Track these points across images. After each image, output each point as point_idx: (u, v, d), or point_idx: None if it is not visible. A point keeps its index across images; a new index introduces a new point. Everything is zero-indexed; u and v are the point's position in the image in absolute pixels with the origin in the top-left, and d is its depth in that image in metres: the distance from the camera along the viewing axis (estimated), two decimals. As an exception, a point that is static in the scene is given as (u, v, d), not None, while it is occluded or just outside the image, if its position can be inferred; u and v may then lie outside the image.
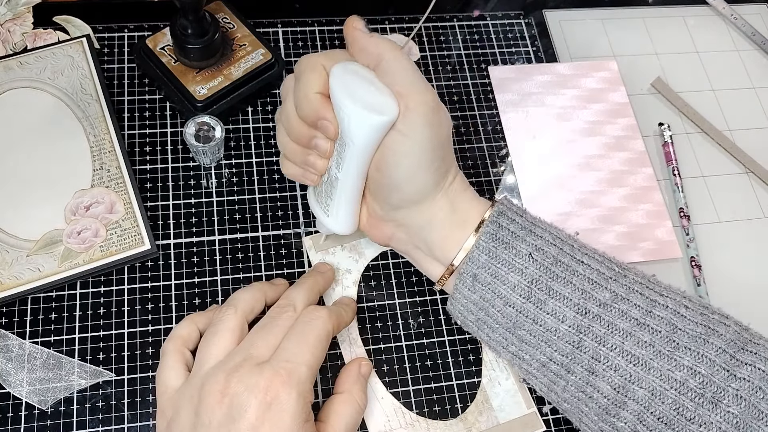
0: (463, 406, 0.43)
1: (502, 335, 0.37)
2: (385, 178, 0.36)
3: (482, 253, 0.37)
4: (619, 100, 0.57)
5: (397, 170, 0.36)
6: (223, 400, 0.33)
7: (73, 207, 0.45)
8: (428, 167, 0.36)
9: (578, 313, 0.35)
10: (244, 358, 0.35)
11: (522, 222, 0.37)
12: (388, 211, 0.39)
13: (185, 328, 0.39)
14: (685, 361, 0.33)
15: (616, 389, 0.34)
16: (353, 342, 0.44)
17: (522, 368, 0.38)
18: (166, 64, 0.49)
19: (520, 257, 0.36)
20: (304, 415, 0.34)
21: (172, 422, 0.35)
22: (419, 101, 0.34)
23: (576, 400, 0.36)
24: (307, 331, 0.37)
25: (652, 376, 0.33)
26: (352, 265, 0.47)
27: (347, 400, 0.39)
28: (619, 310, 0.35)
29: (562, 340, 0.35)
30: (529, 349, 0.36)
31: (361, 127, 0.34)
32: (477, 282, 0.37)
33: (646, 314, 0.34)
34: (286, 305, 0.39)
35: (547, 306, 0.35)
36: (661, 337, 0.34)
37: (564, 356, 0.35)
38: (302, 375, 0.34)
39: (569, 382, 0.36)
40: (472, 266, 0.37)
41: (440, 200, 0.38)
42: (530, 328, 0.36)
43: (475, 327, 0.39)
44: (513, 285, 0.36)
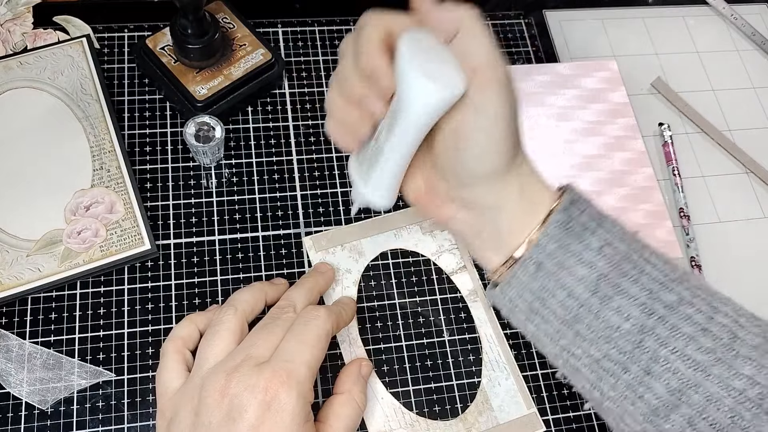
0: (463, 407, 0.43)
1: (556, 327, 0.36)
2: (459, 154, 0.35)
3: (551, 241, 0.35)
4: (619, 100, 0.57)
5: (472, 146, 0.34)
6: (223, 400, 0.33)
7: (73, 207, 0.45)
8: (503, 144, 0.34)
9: (644, 313, 0.34)
10: (243, 359, 0.35)
11: (592, 213, 0.36)
12: (457, 189, 0.37)
13: (185, 329, 0.39)
14: (745, 370, 0.33)
15: (671, 392, 0.33)
16: (353, 342, 0.44)
17: (568, 363, 0.37)
18: (166, 64, 0.49)
19: (590, 250, 0.35)
20: (303, 415, 0.34)
21: (171, 423, 0.35)
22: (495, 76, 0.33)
23: (622, 399, 0.35)
24: (307, 331, 0.37)
25: (711, 383, 0.33)
26: (352, 265, 0.47)
27: (347, 401, 0.39)
28: (684, 313, 0.34)
29: (623, 338, 0.34)
30: (584, 344, 0.35)
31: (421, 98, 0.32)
32: (541, 270, 0.35)
33: (708, 320, 0.34)
34: (286, 305, 0.39)
35: (613, 302, 0.34)
36: (723, 345, 0.33)
37: (622, 354, 0.34)
38: (302, 375, 0.34)
39: (620, 380, 0.35)
40: (539, 254, 0.35)
41: (511, 181, 0.36)
42: (591, 322, 0.35)
43: (523, 316, 0.37)
44: (580, 277, 0.35)
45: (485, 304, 0.47)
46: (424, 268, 0.48)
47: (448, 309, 0.46)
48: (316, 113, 0.52)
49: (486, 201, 0.36)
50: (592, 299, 0.35)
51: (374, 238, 0.48)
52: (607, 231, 0.36)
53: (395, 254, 0.48)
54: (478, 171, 0.35)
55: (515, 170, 0.36)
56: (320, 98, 0.53)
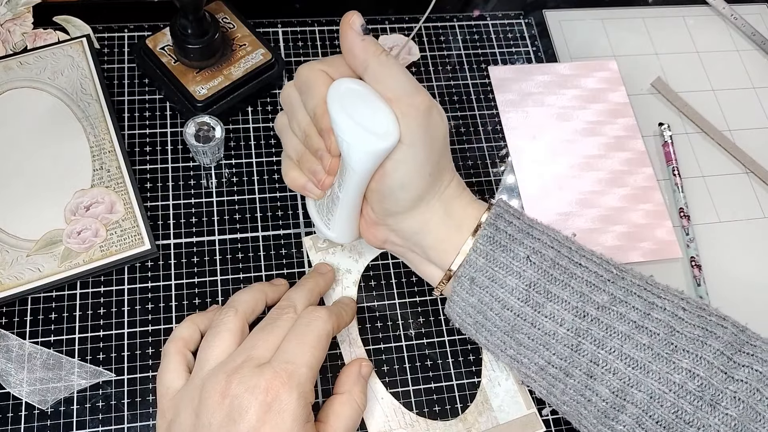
0: (462, 407, 0.43)
1: (500, 338, 0.37)
2: (380, 185, 0.36)
3: (479, 256, 0.36)
4: (619, 100, 0.57)
5: (393, 177, 0.35)
6: (224, 401, 0.33)
7: (73, 207, 0.45)
8: (422, 173, 0.35)
9: (576, 317, 0.35)
10: (244, 360, 0.35)
11: (519, 224, 0.37)
12: (382, 216, 0.38)
13: (186, 329, 0.39)
14: (683, 363, 0.33)
15: (615, 393, 0.34)
16: (353, 342, 0.44)
17: (521, 371, 0.38)
18: (166, 64, 0.49)
19: (517, 260, 0.36)
20: (304, 415, 0.34)
21: (172, 423, 0.35)
22: (410, 105, 0.34)
23: (575, 404, 0.36)
24: (307, 331, 0.37)
25: (651, 379, 0.33)
26: (352, 265, 0.47)
27: (347, 401, 0.39)
28: (617, 312, 0.34)
29: (560, 343, 0.35)
30: (528, 352, 0.36)
31: (360, 153, 0.33)
32: (475, 285, 0.37)
33: (644, 317, 0.34)
34: (287, 306, 0.39)
35: (545, 309, 0.35)
36: (660, 340, 0.34)
37: (563, 360, 0.35)
38: (302, 376, 0.34)
39: (568, 385, 0.36)
40: (470, 269, 0.37)
41: (434, 205, 0.37)
42: (528, 331, 0.36)
43: (473, 330, 0.39)
44: (511, 288, 0.36)
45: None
46: None
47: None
48: (316, 113, 0.52)
49: (409, 225, 0.38)
50: (526, 308, 0.35)
51: None
52: (534, 240, 0.36)
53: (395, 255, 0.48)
54: (401, 199, 0.36)
55: (440, 193, 0.37)
56: (320, 98, 0.53)
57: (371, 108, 0.33)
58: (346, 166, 0.35)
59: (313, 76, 0.35)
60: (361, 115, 0.33)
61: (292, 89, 0.37)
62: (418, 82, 0.35)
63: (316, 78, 0.35)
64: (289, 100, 0.37)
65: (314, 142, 0.36)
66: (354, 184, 0.36)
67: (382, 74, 0.34)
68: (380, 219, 0.39)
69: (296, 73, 0.36)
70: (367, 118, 0.33)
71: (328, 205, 0.39)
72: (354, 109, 0.33)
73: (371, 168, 0.34)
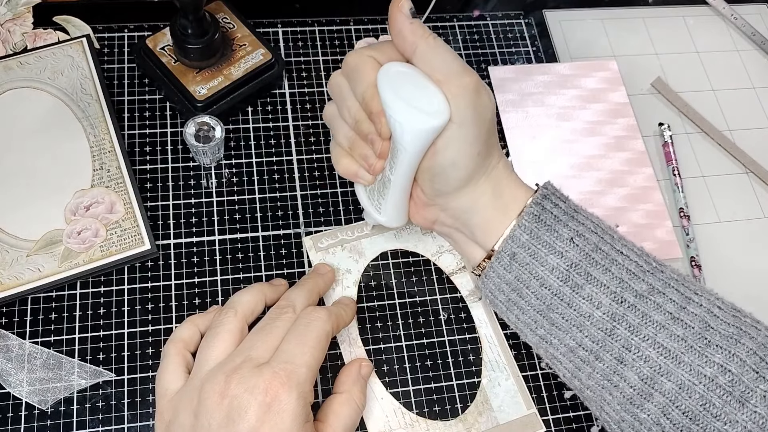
0: (462, 407, 0.43)
1: (532, 317, 0.37)
2: (431, 164, 0.36)
3: (524, 232, 0.36)
4: (619, 100, 0.57)
5: (443, 156, 0.36)
6: (223, 401, 0.33)
7: (73, 207, 0.45)
8: (472, 151, 0.36)
9: (614, 301, 0.35)
10: (243, 360, 0.35)
11: (565, 207, 0.37)
12: (433, 196, 0.39)
13: (186, 330, 0.39)
14: (716, 358, 0.33)
15: (644, 380, 0.34)
16: (353, 342, 0.44)
17: (548, 352, 0.38)
18: (166, 64, 0.49)
19: (561, 240, 0.36)
20: (303, 415, 0.34)
21: (171, 424, 0.35)
22: (459, 85, 0.34)
23: (600, 389, 0.36)
24: (307, 332, 0.37)
25: (682, 370, 0.33)
26: (352, 265, 0.47)
27: (346, 401, 0.39)
28: (654, 302, 0.35)
29: (594, 326, 0.35)
30: (559, 333, 0.36)
31: (413, 132, 0.34)
32: (514, 261, 0.37)
33: (680, 309, 0.34)
34: (286, 306, 0.39)
35: (584, 291, 0.35)
36: (694, 333, 0.34)
37: (594, 343, 0.35)
38: (302, 376, 0.34)
39: (596, 369, 0.36)
40: (512, 245, 0.37)
41: (483, 184, 0.38)
42: (563, 311, 0.36)
43: (504, 307, 0.39)
44: (551, 267, 0.36)
45: (485, 304, 0.47)
46: (424, 268, 0.48)
47: (448, 309, 0.46)
48: (316, 113, 0.53)
49: (459, 205, 0.38)
50: (564, 288, 0.36)
51: (374, 238, 0.48)
52: (578, 224, 0.37)
53: (395, 254, 0.48)
54: (452, 177, 0.37)
55: (488, 173, 0.38)
56: (320, 98, 0.53)
57: (421, 89, 0.34)
58: (398, 147, 0.35)
59: (361, 61, 0.36)
60: (412, 96, 0.34)
61: (340, 77, 0.38)
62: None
63: (364, 63, 0.35)
64: (338, 89, 0.38)
65: (365, 127, 0.36)
66: (406, 165, 0.36)
67: (430, 56, 0.35)
68: (431, 199, 0.39)
69: (344, 61, 0.37)
70: (418, 99, 0.34)
71: (379, 189, 0.39)
72: (404, 91, 0.34)
73: (423, 147, 0.35)
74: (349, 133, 0.38)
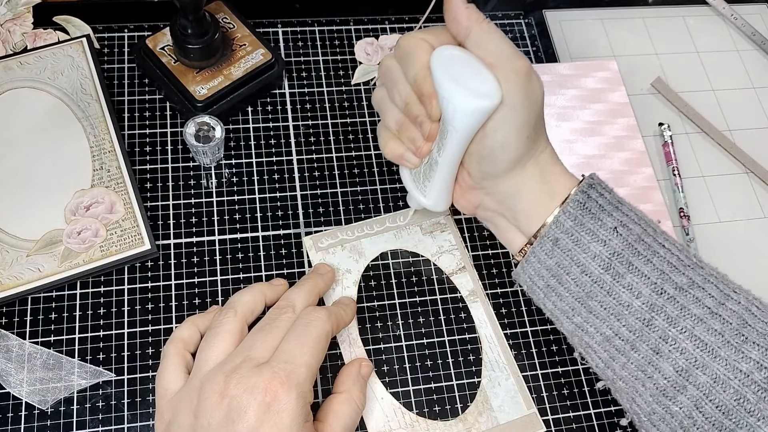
0: (462, 407, 0.43)
1: (570, 304, 0.37)
2: (480, 146, 0.37)
3: (568, 219, 0.37)
4: (619, 100, 0.57)
5: (492, 139, 0.36)
6: (222, 401, 0.33)
7: (73, 207, 0.45)
8: (522, 135, 0.36)
9: (654, 292, 0.35)
10: (243, 360, 0.35)
11: (610, 198, 0.38)
12: (479, 180, 0.39)
13: (186, 330, 0.39)
14: (752, 354, 0.33)
15: (679, 372, 0.34)
16: (353, 342, 0.44)
17: (582, 341, 0.38)
18: (166, 64, 0.49)
19: (605, 229, 0.36)
20: (303, 415, 0.34)
21: (171, 425, 0.35)
22: (511, 69, 0.35)
23: (633, 379, 0.36)
24: (306, 332, 0.37)
25: (718, 364, 0.33)
26: (352, 265, 0.47)
27: (346, 400, 0.39)
28: (693, 296, 0.35)
29: (633, 315, 0.35)
30: (596, 321, 0.36)
31: (465, 113, 0.34)
32: (557, 247, 0.37)
33: (719, 305, 0.35)
34: (285, 306, 0.39)
35: (624, 280, 0.35)
36: (732, 329, 0.34)
37: (631, 332, 0.35)
38: (301, 376, 0.34)
39: (630, 359, 0.36)
40: (556, 230, 0.37)
41: (530, 169, 0.38)
42: (603, 299, 0.36)
43: (542, 294, 0.39)
44: (594, 254, 0.36)
45: (485, 304, 0.47)
46: (424, 268, 0.48)
47: (448, 309, 0.46)
48: (316, 113, 0.53)
49: (505, 188, 0.38)
50: (605, 276, 0.36)
51: (374, 238, 0.48)
52: (623, 214, 0.37)
53: (395, 254, 0.48)
54: (500, 160, 0.37)
55: (536, 157, 0.38)
56: (320, 98, 0.53)
57: (473, 71, 0.35)
58: (448, 129, 0.36)
59: (414, 44, 0.36)
60: (465, 78, 0.34)
61: (392, 60, 0.38)
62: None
63: (417, 46, 0.36)
64: (389, 72, 0.38)
65: (415, 109, 0.37)
66: (455, 147, 0.36)
67: (484, 40, 0.35)
68: (477, 182, 0.39)
69: (396, 44, 0.38)
70: (470, 81, 0.34)
71: (425, 172, 0.40)
72: (457, 73, 0.34)
73: (474, 128, 0.35)
74: (398, 116, 0.39)
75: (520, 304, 0.47)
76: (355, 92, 0.54)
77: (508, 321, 0.47)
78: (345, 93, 0.54)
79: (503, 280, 0.48)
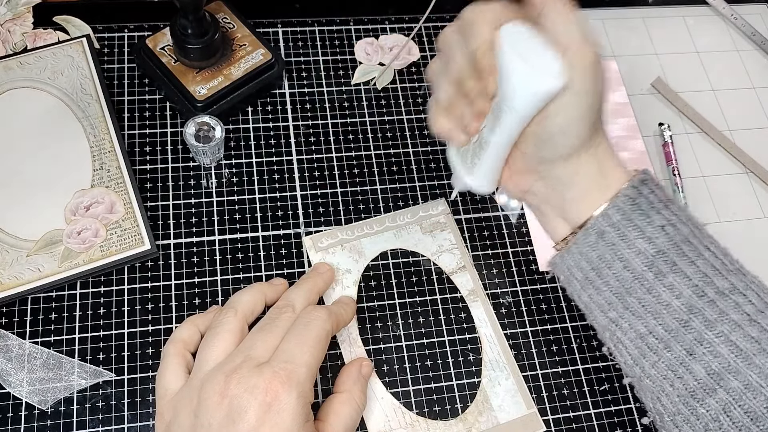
0: (463, 406, 0.43)
1: (607, 299, 0.37)
2: (540, 128, 0.35)
3: (617, 212, 0.36)
4: (619, 100, 0.56)
5: (555, 121, 0.35)
6: (223, 401, 0.33)
7: (73, 207, 0.45)
8: (585, 121, 0.35)
9: (694, 294, 0.35)
10: (243, 360, 0.35)
11: (660, 195, 0.37)
12: (535, 163, 0.38)
13: (186, 331, 0.39)
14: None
15: (711, 375, 0.34)
16: (353, 342, 0.44)
17: (614, 336, 0.38)
18: (166, 64, 0.49)
19: (652, 226, 0.36)
20: (304, 415, 0.34)
21: (171, 424, 0.35)
22: (581, 54, 0.34)
23: (662, 379, 0.36)
24: (306, 331, 0.37)
25: (751, 371, 0.33)
26: (352, 265, 0.47)
27: (347, 400, 0.39)
28: (734, 301, 0.35)
29: (670, 315, 0.35)
30: (632, 318, 0.36)
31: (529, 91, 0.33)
32: (602, 239, 0.36)
33: (758, 312, 0.34)
34: (285, 306, 0.39)
35: (666, 279, 0.35)
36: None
37: (667, 332, 0.35)
38: (302, 375, 0.34)
39: (662, 358, 0.35)
40: (603, 223, 0.36)
41: (586, 158, 0.37)
42: (642, 296, 0.36)
43: (579, 285, 0.38)
44: (638, 251, 0.36)
45: (485, 303, 0.47)
46: (424, 268, 0.48)
47: (448, 309, 0.46)
48: (316, 113, 0.53)
49: (563, 174, 0.37)
50: (647, 273, 0.35)
51: (374, 238, 0.48)
52: (672, 213, 0.36)
53: (395, 254, 0.48)
54: (559, 145, 0.36)
55: (594, 147, 0.37)
56: (320, 98, 0.53)
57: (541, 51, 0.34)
58: (505, 108, 0.35)
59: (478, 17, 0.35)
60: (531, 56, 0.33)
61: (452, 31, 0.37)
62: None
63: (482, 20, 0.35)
64: (448, 43, 0.37)
65: (469, 83, 0.36)
66: (511, 127, 0.35)
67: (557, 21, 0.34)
68: (531, 165, 0.38)
69: (460, 15, 0.36)
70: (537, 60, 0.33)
71: (474, 151, 0.39)
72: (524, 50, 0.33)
73: (534, 109, 0.34)
74: (451, 90, 0.37)
75: (520, 304, 0.47)
76: (355, 92, 0.54)
77: (508, 321, 0.47)
78: (345, 93, 0.54)
79: (503, 280, 0.48)
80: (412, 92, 0.54)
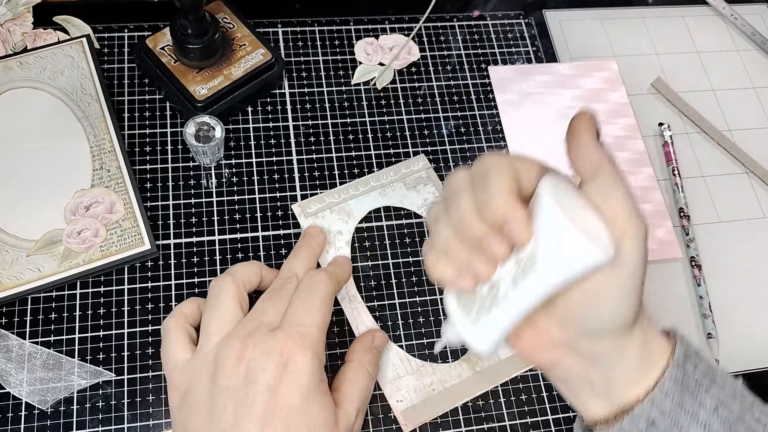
0: (463, 349, 0.45)
1: None
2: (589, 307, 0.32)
3: (667, 398, 0.33)
4: (619, 100, 0.57)
5: (605, 301, 0.32)
6: (240, 364, 0.34)
7: (73, 207, 0.45)
8: (635, 298, 0.32)
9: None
10: (256, 326, 0.36)
11: (704, 367, 0.34)
12: (574, 337, 0.34)
13: (187, 306, 0.40)
14: None
15: None
16: (353, 299, 0.46)
17: None
18: (166, 64, 0.49)
19: (704, 409, 0.33)
20: (318, 374, 0.35)
21: (187, 394, 0.36)
22: (636, 229, 0.31)
23: None
24: (311, 295, 0.38)
25: None
26: (342, 227, 0.48)
27: (357, 368, 0.40)
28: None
29: None
30: None
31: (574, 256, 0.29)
32: (653, 428, 0.33)
33: None
34: (288, 276, 0.40)
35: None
36: None
37: None
38: (314, 336, 0.36)
39: None
40: (653, 410, 0.33)
41: (636, 334, 0.34)
42: None
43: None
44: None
45: None
46: (414, 221, 0.49)
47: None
48: (316, 113, 0.53)
49: (607, 353, 0.34)
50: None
51: (361, 199, 0.49)
52: (719, 388, 0.34)
53: (383, 212, 0.49)
54: (608, 324, 0.33)
55: (641, 321, 0.34)
56: (320, 98, 0.53)
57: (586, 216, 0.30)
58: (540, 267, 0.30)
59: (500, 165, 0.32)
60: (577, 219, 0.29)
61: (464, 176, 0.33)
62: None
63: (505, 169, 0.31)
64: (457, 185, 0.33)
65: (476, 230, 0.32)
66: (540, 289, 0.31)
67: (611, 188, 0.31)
68: (570, 340, 0.34)
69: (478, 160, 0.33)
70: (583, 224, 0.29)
71: (483, 303, 0.33)
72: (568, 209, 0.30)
73: (574, 275, 0.30)
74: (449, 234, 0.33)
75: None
76: (355, 92, 0.54)
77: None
78: (345, 93, 0.54)
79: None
80: (412, 92, 0.54)
